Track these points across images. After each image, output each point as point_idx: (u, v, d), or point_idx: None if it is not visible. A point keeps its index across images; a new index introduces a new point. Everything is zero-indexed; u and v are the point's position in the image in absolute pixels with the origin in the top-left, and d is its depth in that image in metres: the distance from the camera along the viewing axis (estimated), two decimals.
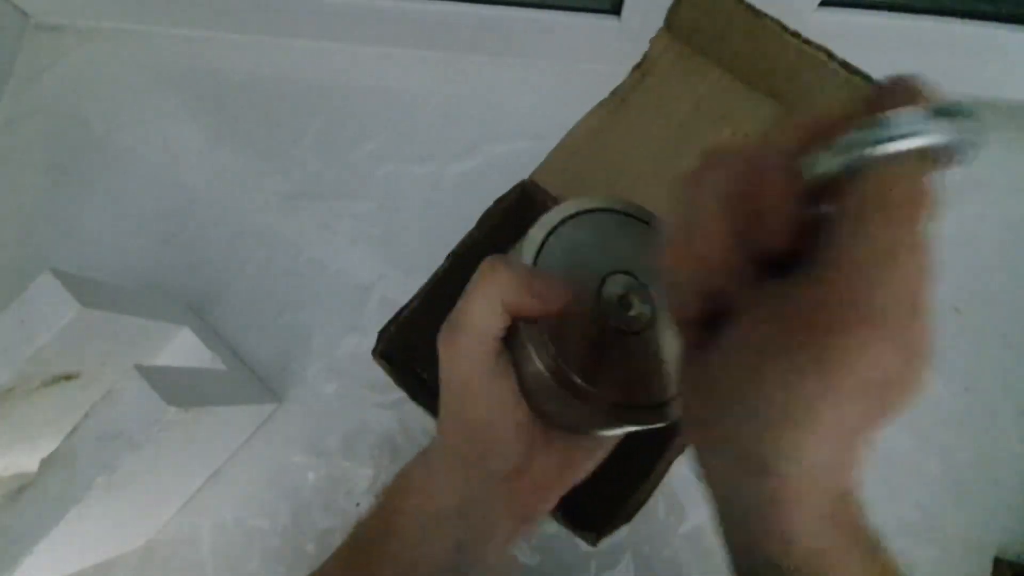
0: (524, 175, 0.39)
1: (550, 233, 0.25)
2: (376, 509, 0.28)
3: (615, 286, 0.25)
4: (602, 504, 0.37)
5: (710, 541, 0.46)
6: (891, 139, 0.14)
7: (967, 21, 0.46)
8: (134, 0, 0.59)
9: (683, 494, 0.47)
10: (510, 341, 0.24)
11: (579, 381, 0.23)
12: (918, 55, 0.49)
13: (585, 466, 0.27)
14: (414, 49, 0.59)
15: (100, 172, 0.59)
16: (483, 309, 0.23)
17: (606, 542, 0.35)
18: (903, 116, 0.14)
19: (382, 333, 0.37)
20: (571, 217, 0.25)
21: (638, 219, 0.26)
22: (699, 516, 0.47)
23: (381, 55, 0.60)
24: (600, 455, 0.28)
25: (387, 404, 0.50)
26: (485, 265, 0.23)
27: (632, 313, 0.25)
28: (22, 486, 0.35)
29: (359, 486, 0.49)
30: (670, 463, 0.34)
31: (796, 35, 0.34)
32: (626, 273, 0.25)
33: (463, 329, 0.23)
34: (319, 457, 0.50)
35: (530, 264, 0.24)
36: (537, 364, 0.23)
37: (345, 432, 0.50)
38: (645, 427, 0.25)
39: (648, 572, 0.46)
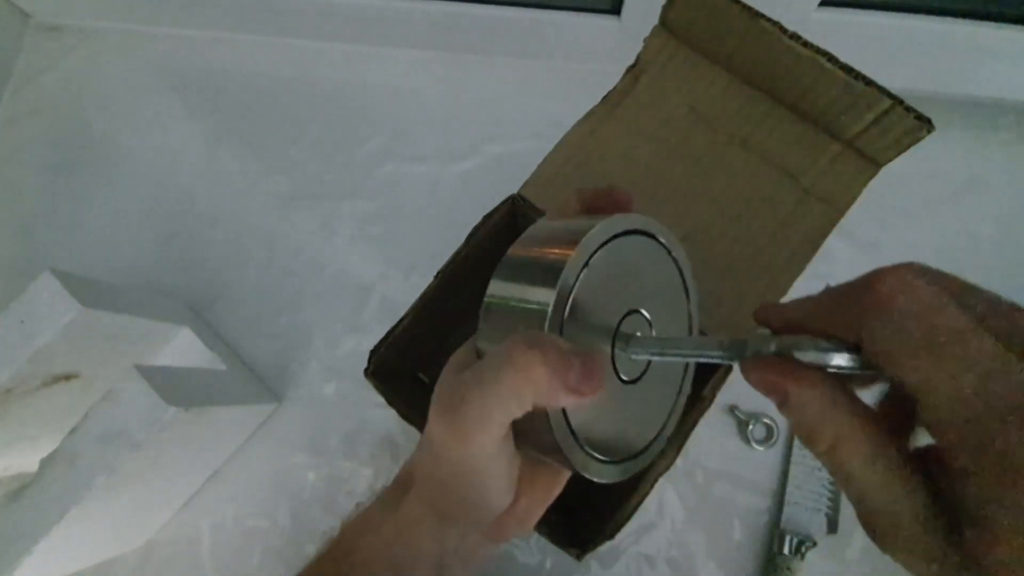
0: (524, 175, 0.39)
1: (580, 273, 0.22)
2: (340, 555, 0.27)
3: (629, 330, 0.23)
4: (587, 521, 0.37)
5: (710, 540, 0.46)
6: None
7: (967, 21, 0.46)
8: (134, 0, 0.59)
9: (684, 494, 0.47)
10: None
11: (580, 438, 0.22)
12: (918, 55, 0.49)
13: (560, 490, 0.26)
14: (414, 49, 0.59)
15: (100, 172, 0.59)
16: (508, 406, 0.20)
17: (607, 542, 0.35)
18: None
19: (373, 352, 0.38)
20: (599, 248, 0.23)
21: (650, 236, 0.24)
22: (699, 516, 0.47)
23: (381, 55, 0.60)
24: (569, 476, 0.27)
25: (387, 404, 0.50)
26: (519, 355, 0.19)
27: (636, 359, 0.23)
28: (22, 486, 0.35)
29: (359, 486, 0.49)
30: (655, 481, 0.34)
31: (794, 36, 0.33)
32: (638, 312, 0.24)
33: (477, 421, 0.20)
34: (319, 457, 0.49)
35: (562, 319, 0.21)
36: (545, 420, 0.21)
37: (345, 432, 0.50)
38: (623, 479, 0.23)
39: (648, 571, 0.46)
